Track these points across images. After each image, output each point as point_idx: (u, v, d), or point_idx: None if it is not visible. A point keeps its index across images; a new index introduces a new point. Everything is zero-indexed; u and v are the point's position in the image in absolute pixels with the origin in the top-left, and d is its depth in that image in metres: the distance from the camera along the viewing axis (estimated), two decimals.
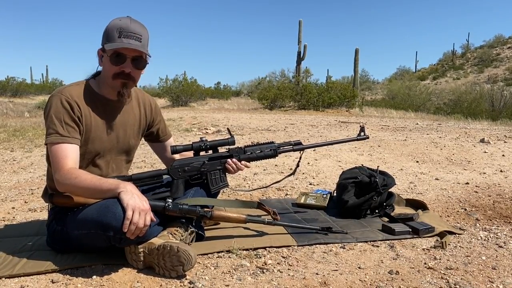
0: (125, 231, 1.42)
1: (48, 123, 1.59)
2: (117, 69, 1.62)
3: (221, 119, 10.09)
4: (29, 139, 6.42)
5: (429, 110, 16.87)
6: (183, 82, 19.65)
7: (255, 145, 1.99)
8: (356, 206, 2.24)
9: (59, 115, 1.58)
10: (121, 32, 1.58)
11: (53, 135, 1.57)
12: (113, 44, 1.58)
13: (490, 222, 2.27)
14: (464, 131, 6.86)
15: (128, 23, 1.60)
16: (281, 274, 1.58)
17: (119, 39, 1.58)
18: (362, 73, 39.86)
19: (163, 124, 1.99)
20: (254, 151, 1.96)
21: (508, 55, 39.29)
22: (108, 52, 1.60)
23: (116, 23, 1.60)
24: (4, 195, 3.01)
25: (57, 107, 1.59)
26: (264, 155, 1.98)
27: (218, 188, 1.90)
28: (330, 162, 4.13)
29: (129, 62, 1.62)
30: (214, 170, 1.88)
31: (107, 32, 1.61)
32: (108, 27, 1.61)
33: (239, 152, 1.94)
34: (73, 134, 1.60)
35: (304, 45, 18.61)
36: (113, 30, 1.59)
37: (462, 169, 3.77)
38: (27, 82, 27.73)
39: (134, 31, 1.60)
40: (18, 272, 1.53)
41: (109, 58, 1.61)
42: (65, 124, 1.59)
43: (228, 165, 1.89)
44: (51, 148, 1.58)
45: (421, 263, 1.69)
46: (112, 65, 1.62)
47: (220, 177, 1.88)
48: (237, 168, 1.91)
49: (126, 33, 1.59)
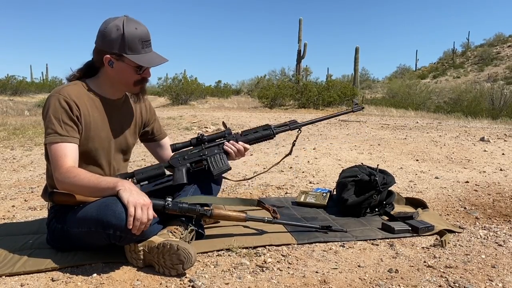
0: (130, 228, 1.44)
1: (47, 123, 1.59)
2: (139, 77, 1.68)
3: (221, 117, 10.08)
4: (29, 138, 6.42)
5: (429, 108, 16.86)
6: (183, 81, 19.64)
7: (251, 129, 1.99)
8: (356, 205, 2.24)
9: (57, 115, 1.59)
10: (143, 43, 1.62)
11: (52, 135, 1.58)
12: (141, 57, 1.62)
13: (490, 220, 2.27)
14: (464, 130, 6.86)
15: (145, 31, 1.63)
16: (281, 272, 1.58)
17: (143, 50, 1.63)
18: (362, 71, 39.93)
19: (158, 124, 2.01)
20: (250, 133, 1.96)
21: (508, 53, 39.27)
22: (134, 63, 1.63)
23: (135, 33, 1.60)
24: (4, 193, 3.01)
25: (55, 107, 1.59)
26: (262, 135, 1.97)
27: (220, 171, 1.85)
28: (330, 160, 4.13)
29: (148, 68, 1.69)
30: (213, 154, 1.87)
31: (128, 42, 1.59)
32: (127, 36, 1.58)
33: (235, 136, 1.94)
34: (72, 133, 1.61)
35: (304, 43, 18.60)
36: (134, 40, 1.60)
37: (462, 167, 3.77)
38: (27, 81, 27.72)
39: (150, 38, 1.66)
40: (18, 270, 1.54)
41: (134, 69, 1.65)
42: (64, 124, 1.59)
43: (226, 147, 1.88)
44: (50, 147, 1.58)
45: (421, 261, 1.69)
46: (135, 74, 1.67)
47: (221, 160, 1.86)
48: (237, 149, 1.88)
49: (147, 43, 1.64)
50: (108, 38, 1.60)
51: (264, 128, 1.98)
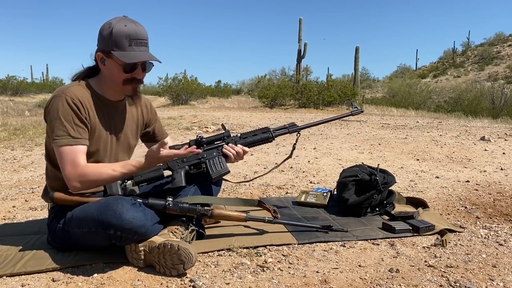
0: None
1: (57, 125, 1.56)
2: (128, 76, 1.63)
3: (221, 117, 10.09)
4: (30, 138, 6.42)
5: (430, 108, 16.84)
6: (183, 81, 19.63)
7: (250, 132, 1.99)
8: (357, 204, 2.24)
9: (68, 117, 1.57)
10: (131, 40, 1.57)
11: (64, 137, 1.56)
12: (126, 54, 1.57)
13: (491, 220, 2.27)
14: (464, 129, 6.86)
15: (135, 29, 1.58)
16: (281, 272, 1.58)
17: (130, 47, 1.58)
18: (362, 71, 39.89)
19: (159, 124, 2.01)
20: (249, 135, 1.96)
21: (508, 53, 39.23)
22: (120, 61, 1.59)
23: (123, 30, 1.56)
24: (5, 193, 3.01)
25: (64, 108, 1.57)
26: (261, 138, 1.97)
27: (219, 174, 1.85)
28: (331, 160, 4.13)
29: (139, 69, 1.64)
30: (212, 157, 1.87)
31: (115, 39, 1.56)
32: (115, 33, 1.56)
33: (234, 139, 1.93)
34: (83, 135, 1.61)
35: (305, 43, 18.57)
36: (122, 37, 1.56)
37: (463, 167, 3.77)
38: (28, 81, 27.69)
39: (142, 37, 1.60)
40: (19, 271, 1.54)
41: (122, 67, 1.60)
42: (76, 126, 1.58)
43: (225, 150, 1.87)
44: (63, 149, 1.56)
45: (422, 261, 1.69)
46: (123, 73, 1.62)
47: (220, 163, 1.86)
48: (236, 152, 1.87)
49: (136, 41, 1.58)
50: (101, 36, 1.60)
51: (263, 131, 1.98)
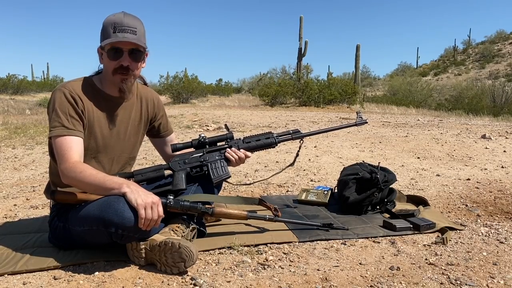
0: (144, 228, 1.47)
1: (53, 116, 1.60)
2: (115, 63, 1.64)
3: (222, 115, 10.09)
4: (31, 137, 6.43)
5: (431, 106, 16.83)
6: (184, 79, 19.62)
7: (253, 136, 1.99)
8: (357, 203, 2.24)
9: (64, 109, 1.60)
10: (115, 27, 1.61)
11: (58, 128, 1.59)
12: (108, 40, 1.61)
13: (491, 218, 2.27)
14: (465, 127, 6.85)
15: (121, 18, 1.62)
16: (282, 270, 1.58)
17: (114, 34, 1.61)
18: (363, 69, 39.84)
19: (165, 120, 1.99)
20: (252, 140, 1.97)
21: (509, 50, 39.15)
22: (106, 48, 1.63)
23: (110, 19, 1.62)
24: (6, 192, 3.02)
25: (61, 100, 1.61)
26: (264, 144, 1.97)
27: (220, 178, 1.85)
28: (331, 158, 4.13)
29: (126, 55, 1.64)
30: (214, 161, 1.87)
31: (103, 29, 1.63)
32: (103, 24, 1.63)
33: (237, 142, 1.94)
34: (77, 127, 1.62)
35: (305, 41, 18.59)
36: (108, 26, 1.62)
37: (463, 165, 3.77)
38: (28, 80, 27.72)
39: (128, 25, 1.62)
40: (20, 269, 1.54)
41: (107, 54, 1.64)
42: (70, 117, 1.61)
43: (228, 155, 1.87)
44: (56, 140, 1.59)
45: (422, 259, 1.69)
46: (110, 61, 1.64)
47: (221, 167, 1.86)
48: (238, 157, 1.87)
49: (120, 28, 1.61)
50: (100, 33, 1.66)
51: (266, 136, 1.99)
